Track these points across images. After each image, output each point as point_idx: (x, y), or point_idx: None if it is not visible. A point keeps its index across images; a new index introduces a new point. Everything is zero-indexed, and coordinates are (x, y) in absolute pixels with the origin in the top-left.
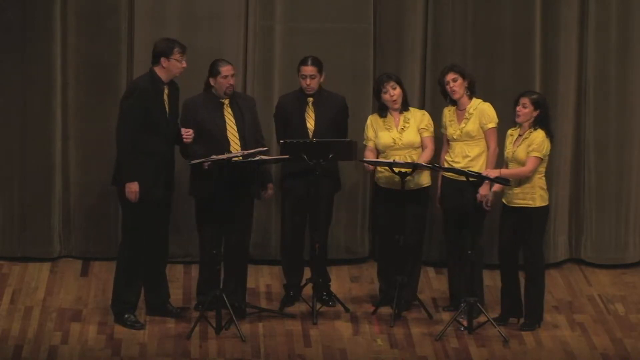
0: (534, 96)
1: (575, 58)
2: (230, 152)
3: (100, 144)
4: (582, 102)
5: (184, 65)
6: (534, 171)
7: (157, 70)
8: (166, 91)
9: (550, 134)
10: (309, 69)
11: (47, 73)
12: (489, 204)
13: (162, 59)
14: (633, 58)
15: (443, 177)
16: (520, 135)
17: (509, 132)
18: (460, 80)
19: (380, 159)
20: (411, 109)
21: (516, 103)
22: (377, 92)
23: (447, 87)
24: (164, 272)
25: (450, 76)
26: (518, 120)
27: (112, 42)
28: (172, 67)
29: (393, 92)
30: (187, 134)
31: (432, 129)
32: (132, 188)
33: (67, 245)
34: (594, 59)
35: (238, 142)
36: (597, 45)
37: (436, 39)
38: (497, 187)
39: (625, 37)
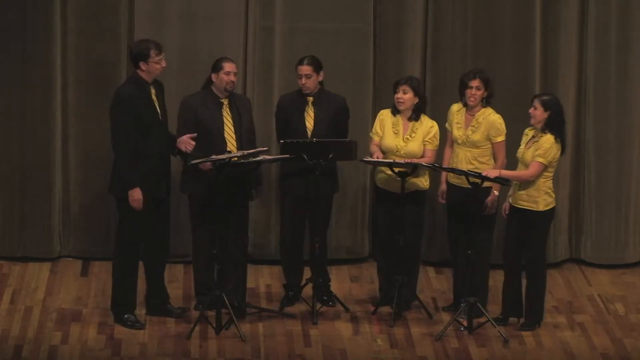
0: (545, 97)
1: (575, 58)
2: (230, 151)
3: (100, 144)
4: (582, 102)
5: (164, 64)
6: (536, 176)
7: (140, 73)
8: (153, 91)
9: (561, 139)
10: (304, 69)
11: (47, 73)
12: (507, 211)
13: (141, 63)
14: (633, 58)
15: (448, 182)
16: (533, 137)
17: (525, 131)
18: (482, 91)
19: (381, 159)
20: (423, 118)
21: (531, 104)
22: (393, 90)
23: (469, 90)
24: (162, 273)
25: (475, 82)
26: (531, 122)
27: (112, 42)
28: (151, 69)
29: (401, 95)
30: (189, 145)
31: (436, 143)
32: (135, 196)
33: (67, 245)
34: (594, 59)
35: (235, 142)
36: (597, 45)
37: (436, 39)
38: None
39: (625, 37)
